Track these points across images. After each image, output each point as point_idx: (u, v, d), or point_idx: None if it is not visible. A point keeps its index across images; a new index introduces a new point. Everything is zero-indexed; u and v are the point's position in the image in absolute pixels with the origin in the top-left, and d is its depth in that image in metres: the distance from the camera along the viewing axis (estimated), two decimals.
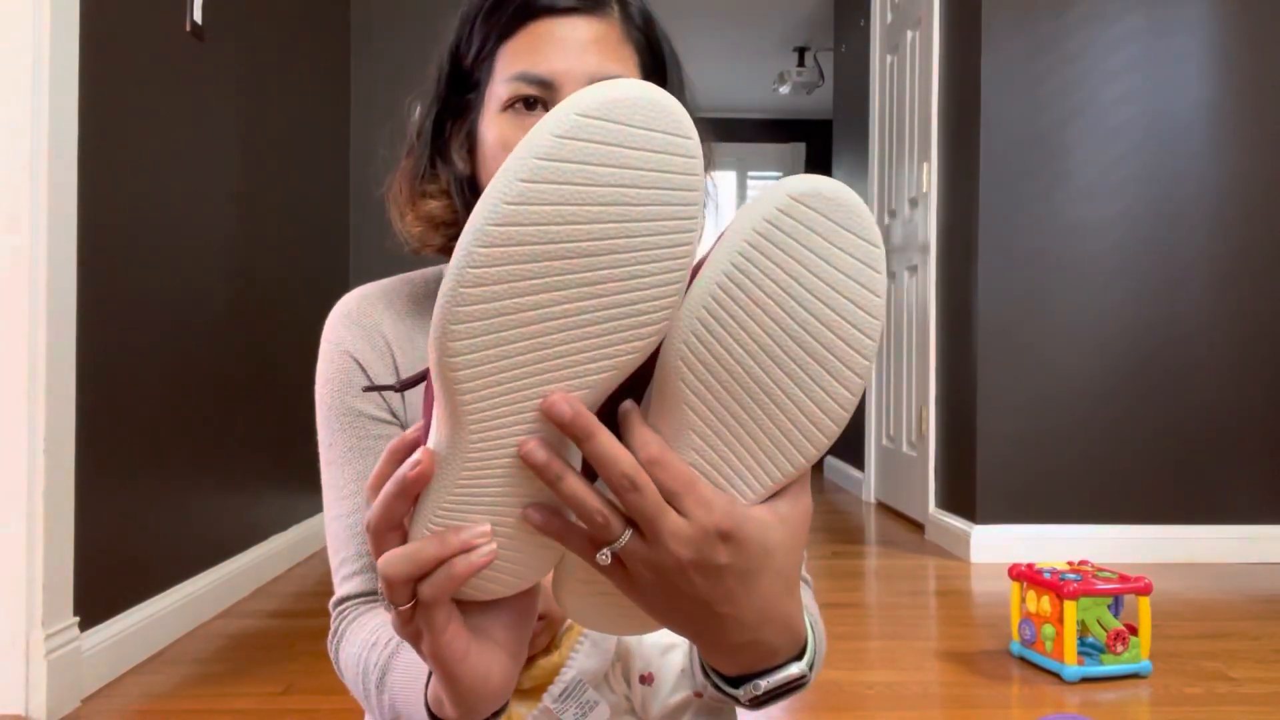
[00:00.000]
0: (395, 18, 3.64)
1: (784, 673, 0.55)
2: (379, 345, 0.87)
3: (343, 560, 0.84)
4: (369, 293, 0.91)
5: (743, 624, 0.51)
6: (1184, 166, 3.19)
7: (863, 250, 0.52)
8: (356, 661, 0.76)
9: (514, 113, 0.79)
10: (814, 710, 1.84)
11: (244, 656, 2.10)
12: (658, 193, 0.44)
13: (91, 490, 1.88)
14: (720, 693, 0.60)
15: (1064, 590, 1.94)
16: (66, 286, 1.79)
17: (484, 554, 0.48)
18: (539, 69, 0.78)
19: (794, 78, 6.62)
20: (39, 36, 1.72)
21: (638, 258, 0.45)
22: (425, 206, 0.87)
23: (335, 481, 0.85)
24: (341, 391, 0.86)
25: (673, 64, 0.89)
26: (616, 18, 0.82)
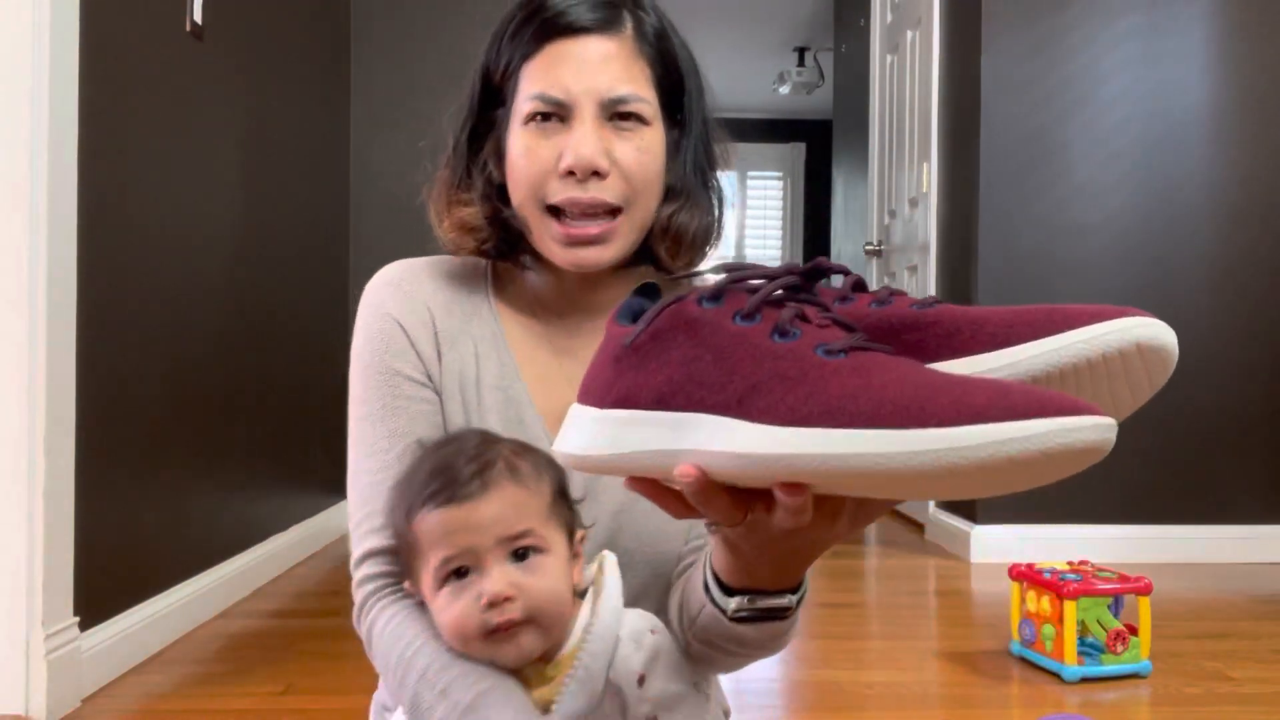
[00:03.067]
0: (395, 18, 3.64)
1: (782, 599, 0.73)
2: (420, 312, 0.92)
3: (367, 515, 0.87)
4: (412, 264, 0.96)
5: (803, 565, 0.70)
6: (1184, 165, 3.19)
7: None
8: (394, 656, 0.81)
9: (535, 125, 0.87)
10: (814, 710, 1.84)
11: (244, 656, 2.10)
12: None
13: (91, 490, 1.88)
14: (715, 607, 0.74)
15: (1064, 590, 1.94)
16: (66, 286, 1.79)
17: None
18: (555, 90, 0.86)
19: (794, 78, 6.62)
20: (39, 36, 1.71)
21: None
22: (459, 213, 0.92)
23: (367, 437, 0.89)
24: (382, 352, 0.90)
25: (690, 72, 0.93)
26: (630, 35, 0.88)
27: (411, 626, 0.81)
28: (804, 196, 8.15)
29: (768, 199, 8.25)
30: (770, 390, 0.53)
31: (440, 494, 0.77)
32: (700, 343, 0.57)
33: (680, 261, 0.93)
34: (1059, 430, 0.46)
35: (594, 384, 0.61)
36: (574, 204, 0.86)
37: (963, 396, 0.48)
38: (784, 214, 8.22)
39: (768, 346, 0.55)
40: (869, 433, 0.49)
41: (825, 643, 2.24)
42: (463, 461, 0.78)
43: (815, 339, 0.55)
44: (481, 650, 0.77)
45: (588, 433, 0.60)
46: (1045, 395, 0.47)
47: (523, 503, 0.78)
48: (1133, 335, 0.59)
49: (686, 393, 0.56)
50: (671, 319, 0.58)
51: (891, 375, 0.52)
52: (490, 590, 0.75)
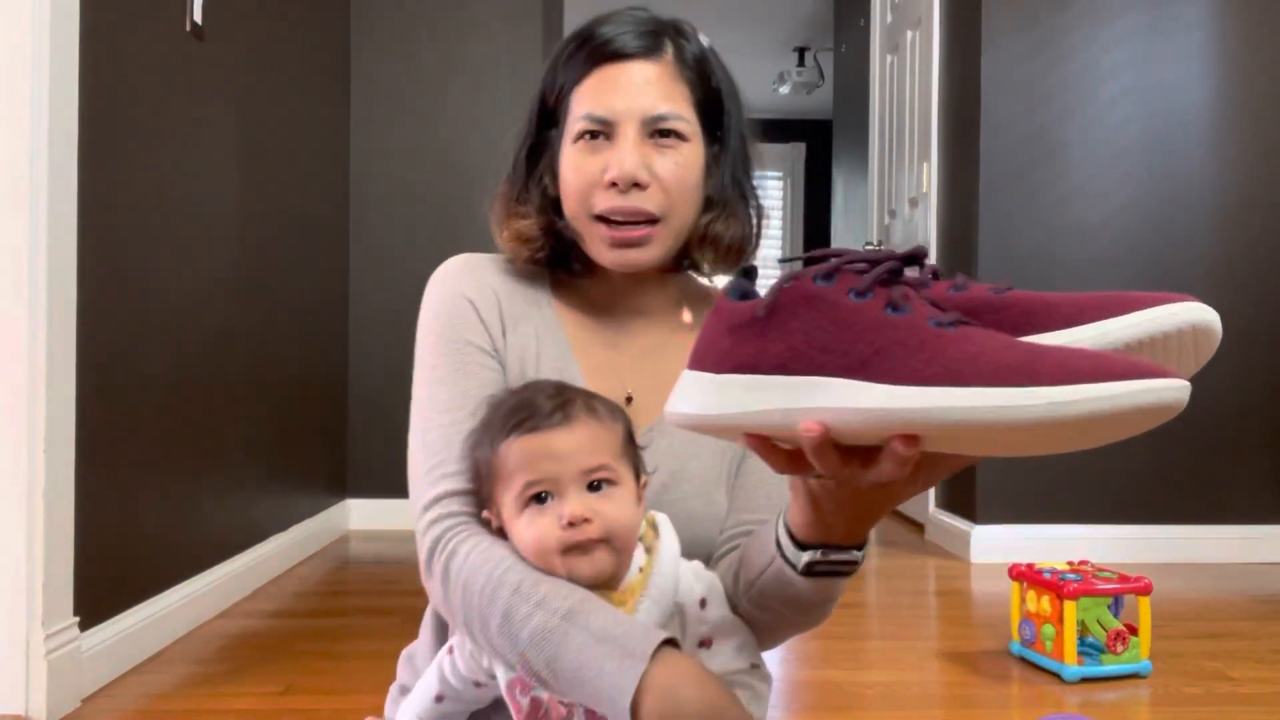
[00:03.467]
0: (395, 17, 3.64)
1: (849, 554, 0.81)
2: (488, 294, 1.01)
3: (440, 462, 0.93)
4: (475, 257, 1.07)
5: (872, 522, 0.79)
6: (1184, 165, 3.19)
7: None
8: (482, 579, 0.84)
9: (584, 143, 0.96)
10: (814, 710, 1.84)
11: (244, 656, 2.10)
12: None
13: (91, 490, 1.88)
14: (786, 563, 0.83)
15: (1064, 590, 1.94)
16: (66, 286, 1.79)
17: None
18: (601, 110, 0.95)
19: (794, 78, 6.62)
20: (39, 36, 1.71)
21: None
22: (517, 225, 1.02)
23: (439, 396, 0.96)
24: (455, 324, 0.99)
25: (729, 93, 1.02)
26: (670, 60, 0.97)
27: (498, 551, 0.86)
28: (804, 196, 8.15)
29: (768, 199, 8.12)
30: (893, 355, 0.62)
31: (525, 423, 0.84)
32: (820, 315, 0.65)
33: (718, 268, 1.03)
34: (1149, 389, 0.55)
35: (709, 352, 0.69)
36: (617, 211, 0.95)
37: (1067, 361, 0.57)
38: (784, 214, 8.21)
39: (885, 318, 0.63)
40: (989, 390, 0.58)
41: (825, 643, 2.24)
42: (543, 398, 0.86)
43: (925, 313, 0.64)
44: (560, 565, 0.84)
45: (708, 395, 0.67)
46: (1135, 361, 0.57)
47: (599, 438, 0.85)
48: (1187, 318, 0.68)
49: (808, 358, 0.64)
50: (791, 294, 0.66)
51: (1000, 343, 0.60)
52: (570, 512, 0.82)
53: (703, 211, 1.00)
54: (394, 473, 3.58)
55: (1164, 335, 0.68)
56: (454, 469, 0.92)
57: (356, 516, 3.60)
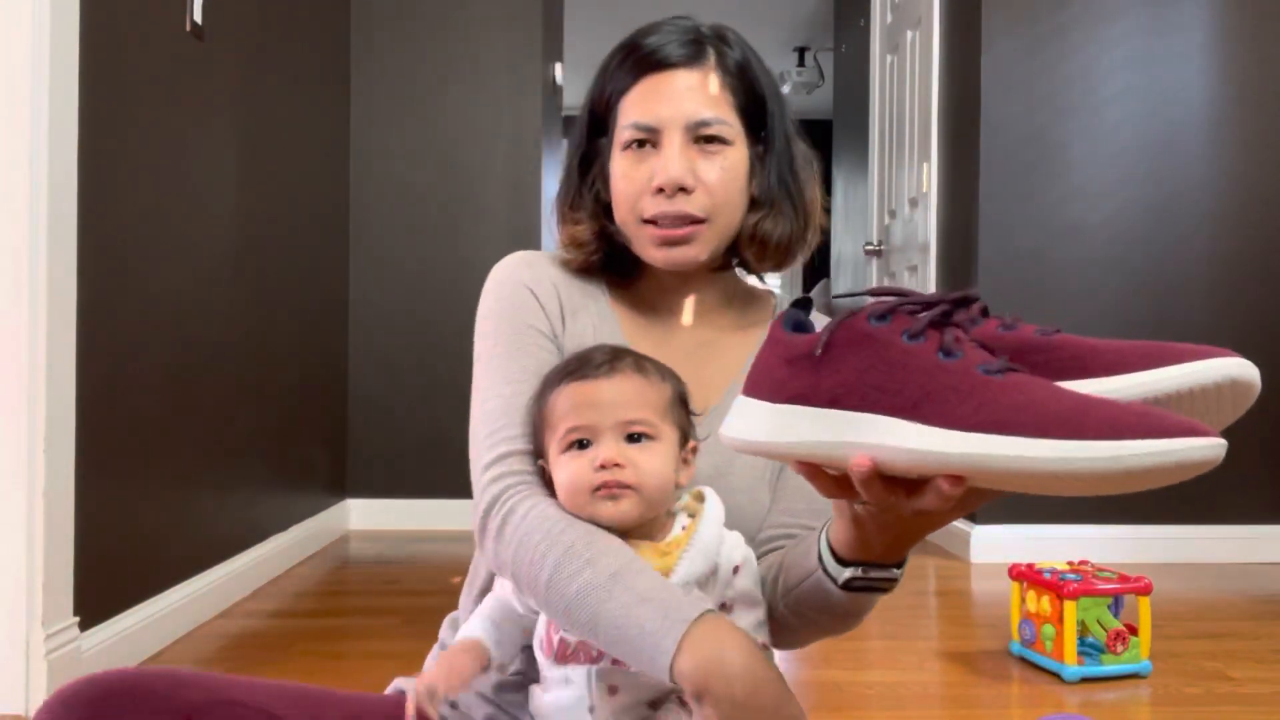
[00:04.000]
0: (395, 18, 3.64)
1: (889, 572, 0.85)
2: (548, 289, 1.05)
3: (501, 427, 0.96)
4: (534, 253, 1.10)
5: (912, 543, 0.83)
6: (1183, 165, 3.19)
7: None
8: (538, 536, 0.87)
9: (632, 151, 1.00)
10: (814, 710, 1.84)
11: (244, 656, 2.10)
12: None
13: (91, 490, 1.88)
14: (828, 577, 0.87)
15: (1064, 590, 1.94)
16: (66, 286, 1.79)
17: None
18: (647, 118, 0.99)
19: (794, 78, 6.62)
20: (39, 36, 1.71)
21: None
22: (571, 230, 1.07)
23: (500, 369, 1.00)
24: (516, 309, 1.03)
25: (772, 95, 1.05)
26: (713, 67, 1.01)
27: (554, 511, 0.89)
28: None
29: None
30: (944, 399, 0.65)
31: (574, 373, 0.90)
32: (873, 354, 0.68)
33: (766, 265, 1.06)
34: (1190, 449, 0.59)
35: (764, 381, 0.73)
36: (664, 216, 0.99)
37: (1113, 415, 0.61)
38: None
39: (937, 363, 0.67)
40: (1036, 440, 0.61)
41: (825, 643, 2.23)
42: (599, 354, 0.91)
43: (976, 359, 0.67)
44: (586, 505, 0.88)
45: (763, 422, 0.72)
46: (1177, 419, 0.60)
47: (642, 391, 0.90)
48: (1228, 373, 0.73)
49: (860, 394, 0.68)
50: (847, 332, 0.70)
51: (1047, 393, 0.64)
52: (603, 456, 0.87)
53: (750, 211, 1.03)
54: (394, 473, 3.59)
55: (1203, 389, 0.72)
56: (515, 433, 0.95)
57: (356, 516, 3.60)
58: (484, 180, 3.64)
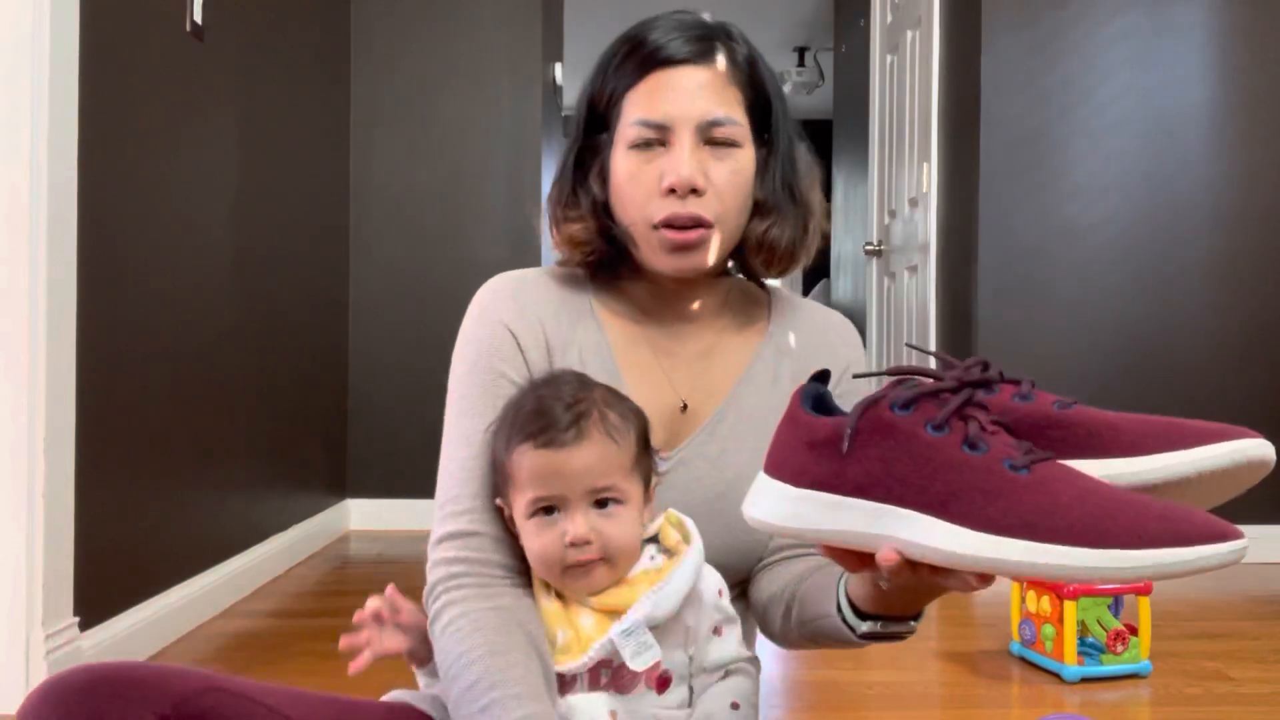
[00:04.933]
0: (395, 18, 3.64)
1: (907, 625, 0.86)
2: (532, 323, 1.00)
3: (453, 498, 0.94)
4: (520, 275, 1.05)
5: (928, 602, 0.84)
6: (1184, 164, 3.19)
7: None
8: (453, 656, 0.88)
9: (638, 150, 0.96)
10: (814, 710, 1.84)
11: (244, 656, 2.10)
12: None
13: (91, 490, 1.88)
14: (845, 625, 0.87)
15: (1064, 590, 1.94)
16: (66, 286, 1.79)
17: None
18: (656, 115, 0.95)
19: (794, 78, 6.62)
20: (39, 36, 1.71)
21: None
22: (568, 229, 1.02)
23: (464, 429, 0.96)
24: (490, 355, 0.98)
25: (776, 94, 1.02)
26: (723, 64, 0.97)
27: (472, 633, 0.87)
28: None
29: None
30: (971, 499, 0.67)
31: (539, 435, 0.87)
32: (898, 446, 0.69)
33: (773, 271, 1.04)
34: (1213, 554, 0.62)
35: (786, 463, 0.73)
36: (675, 219, 0.95)
37: (1138, 523, 0.63)
38: None
39: (961, 458, 0.68)
40: (1061, 549, 0.64)
41: None
42: (560, 408, 0.87)
43: (1000, 453, 0.68)
44: (559, 578, 0.88)
45: (786, 506, 0.72)
46: (1201, 521, 0.63)
47: (611, 457, 0.88)
48: (1246, 455, 0.73)
49: (886, 487, 0.69)
50: (870, 422, 0.70)
51: (1072, 494, 0.66)
52: (573, 533, 0.86)
53: (755, 217, 1.00)
54: (394, 473, 3.59)
55: (1223, 471, 0.73)
56: (465, 506, 0.93)
57: (356, 516, 3.60)
58: (484, 180, 3.64)
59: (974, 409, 0.71)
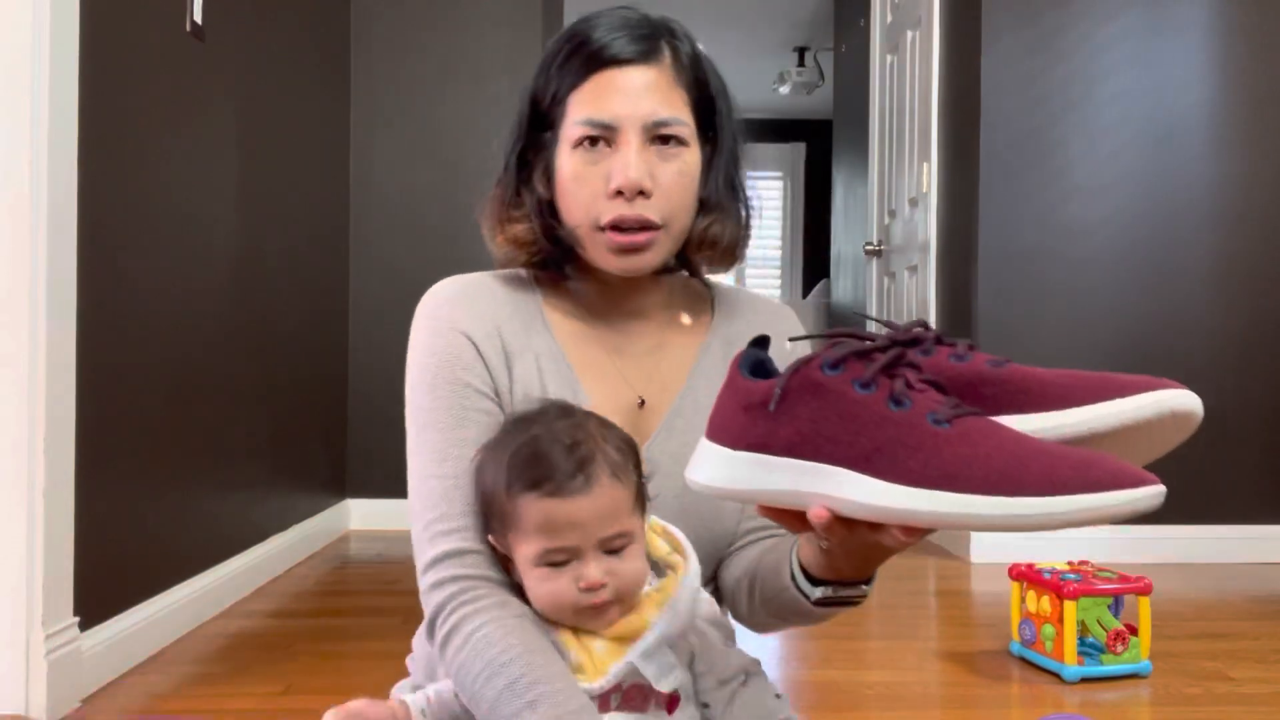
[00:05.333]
0: (395, 18, 3.64)
1: (859, 589, 0.88)
2: (488, 328, 0.98)
3: (439, 517, 0.91)
4: (467, 280, 1.03)
5: (879, 564, 0.85)
6: (1184, 163, 3.19)
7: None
8: (479, 665, 0.85)
9: (584, 150, 0.95)
10: (814, 710, 1.84)
11: (244, 656, 2.10)
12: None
13: (92, 490, 1.88)
14: (801, 594, 0.88)
15: (1064, 590, 1.94)
16: (66, 286, 1.79)
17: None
18: (602, 115, 0.94)
19: (794, 78, 6.62)
20: (39, 36, 1.71)
21: None
22: (512, 230, 1.00)
23: (436, 444, 0.94)
24: (452, 365, 0.96)
25: (720, 92, 1.02)
26: (668, 64, 0.96)
27: (503, 636, 0.85)
28: (804, 196, 8.15)
29: (768, 199, 8.24)
30: (894, 453, 0.68)
31: (543, 484, 0.83)
32: (826, 405, 0.70)
33: (715, 268, 1.05)
34: (1126, 500, 0.63)
35: (725, 426, 0.74)
36: (622, 221, 0.93)
37: (1052, 470, 0.64)
38: (784, 214, 8.21)
39: (885, 414, 0.69)
40: (980, 498, 0.65)
41: (825, 643, 2.24)
42: (561, 451, 0.84)
43: (924, 408, 0.69)
44: (572, 619, 0.87)
45: (723, 468, 0.73)
46: (1115, 468, 0.63)
47: (620, 500, 0.85)
48: (1169, 406, 0.74)
49: (815, 445, 0.70)
50: (800, 382, 0.71)
51: (991, 444, 0.67)
52: (589, 577, 0.84)
53: (699, 214, 1.00)
54: (394, 473, 3.57)
55: (1147, 422, 0.74)
56: (455, 525, 0.91)
57: (356, 516, 3.60)
58: (484, 180, 3.63)
59: (903, 368, 0.71)
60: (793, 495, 0.71)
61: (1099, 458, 0.65)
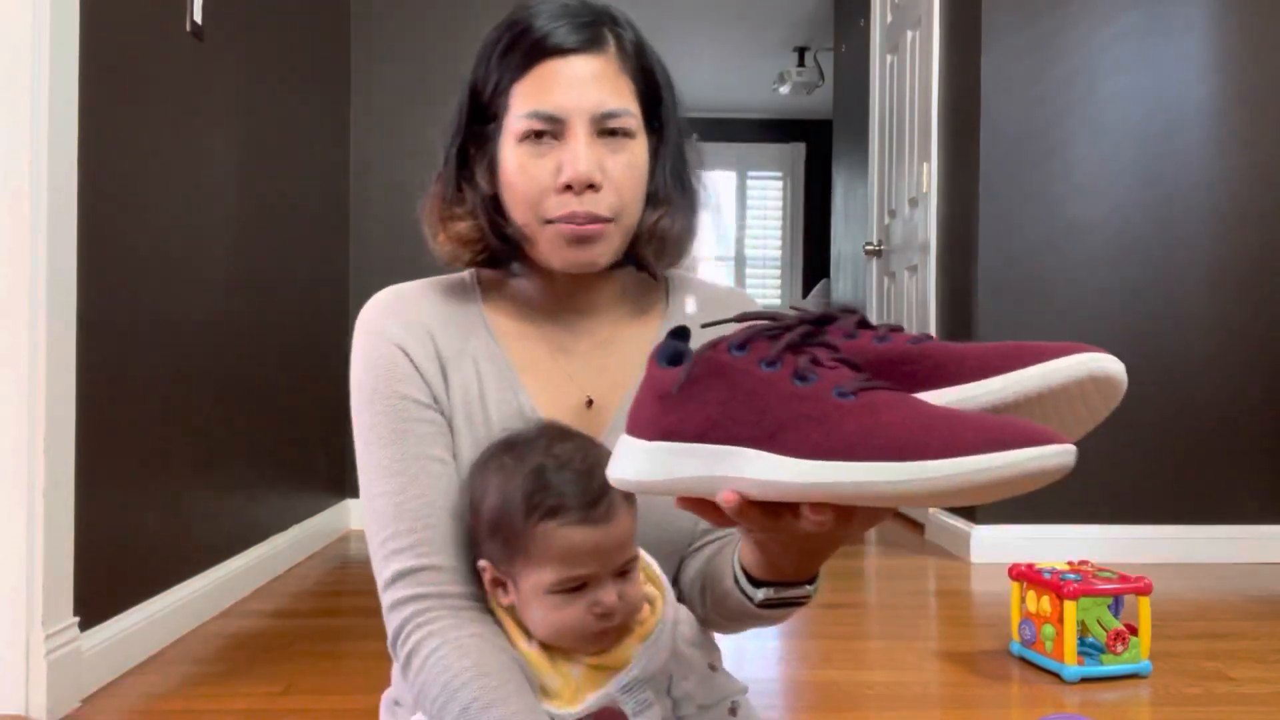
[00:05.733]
0: (395, 18, 3.64)
1: (802, 590, 0.85)
2: (422, 337, 0.96)
3: (391, 535, 0.90)
4: (406, 289, 1.00)
5: (821, 560, 0.82)
6: (1184, 163, 3.19)
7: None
8: (437, 688, 0.85)
9: (529, 143, 0.91)
10: (814, 710, 1.84)
11: (244, 656, 2.10)
12: None
13: (92, 490, 1.88)
14: (744, 596, 0.86)
15: (1064, 590, 1.94)
16: (66, 286, 1.79)
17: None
18: (548, 107, 0.90)
19: (794, 78, 6.62)
20: (39, 36, 1.71)
21: None
22: (454, 227, 0.97)
23: (380, 461, 0.92)
24: (387, 378, 0.94)
25: (665, 83, 0.98)
26: (613, 53, 0.93)
27: (458, 658, 0.85)
28: (804, 196, 8.15)
29: (768, 199, 8.24)
30: (797, 428, 0.65)
31: (568, 511, 0.83)
32: (733, 386, 0.68)
33: (663, 262, 1.00)
34: (1030, 458, 0.59)
35: (640, 418, 0.72)
36: (572, 218, 0.90)
37: (952, 432, 0.61)
38: (784, 214, 8.22)
39: (791, 390, 0.67)
40: (878, 465, 0.62)
41: (825, 643, 2.24)
42: (579, 478, 0.84)
43: (830, 382, 0.67)
44: (580, 644, 0.86)
45: (639, 461, 0.71)
46: (1020, 428, 0.60)
47: (632, 525, 0.86)
48: (1086, 369, 0.71)
49: (724, 428, 0.68)
50: (707, 365, 0.69)
51: (894, 414, 0.64)
52: (607, 604, 0.84)
53: (647, 208, 0.96)
54: None
55: (1063, 387, 0.71)
56: (406, 543, 0.90)
57: (356, 516, 3.60)
58: None
59: (813, 347, 0.70)
60: (706, 481, 0.68)
61: (1006, 420, 0.61)
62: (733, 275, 8.16)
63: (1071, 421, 0.74)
